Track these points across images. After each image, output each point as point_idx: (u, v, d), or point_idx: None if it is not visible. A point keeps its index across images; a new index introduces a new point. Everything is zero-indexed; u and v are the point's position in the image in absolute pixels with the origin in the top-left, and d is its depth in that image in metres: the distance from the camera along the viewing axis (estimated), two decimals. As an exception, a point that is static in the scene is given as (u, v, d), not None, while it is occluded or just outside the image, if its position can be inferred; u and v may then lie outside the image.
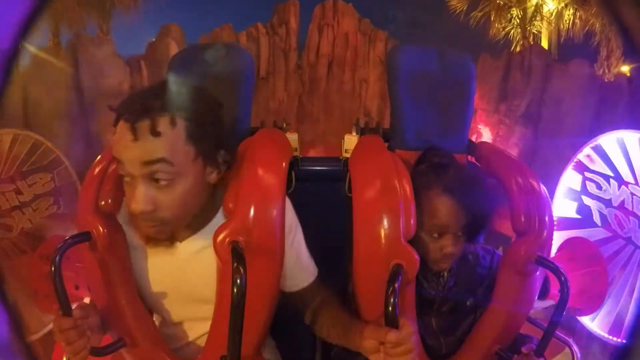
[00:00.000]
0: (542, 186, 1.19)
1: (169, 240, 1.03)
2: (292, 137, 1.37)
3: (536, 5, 8.20)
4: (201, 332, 1.10)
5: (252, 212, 0.98)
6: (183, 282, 1.05)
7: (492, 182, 1.21)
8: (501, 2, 8.30)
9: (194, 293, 1.06)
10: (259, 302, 1.01)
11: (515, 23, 8.41)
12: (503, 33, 8.45)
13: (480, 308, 1.17)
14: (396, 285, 0.89)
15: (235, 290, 0.85)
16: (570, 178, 2.43)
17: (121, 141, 0.89)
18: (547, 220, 1.14)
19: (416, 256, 1.00)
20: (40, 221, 2.44)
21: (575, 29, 7.77)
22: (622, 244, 2.19)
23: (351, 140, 1.47)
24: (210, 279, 1.02)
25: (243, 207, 0.98)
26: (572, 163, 2.42)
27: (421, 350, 1.11)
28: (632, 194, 2.15)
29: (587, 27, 7.48)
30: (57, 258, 0.92)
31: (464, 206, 1.08)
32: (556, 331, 1.07)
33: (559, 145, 3.58)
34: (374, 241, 1.01)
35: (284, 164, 1.08)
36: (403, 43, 1.52)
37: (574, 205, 2.40)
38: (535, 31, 8.29)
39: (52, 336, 0.95)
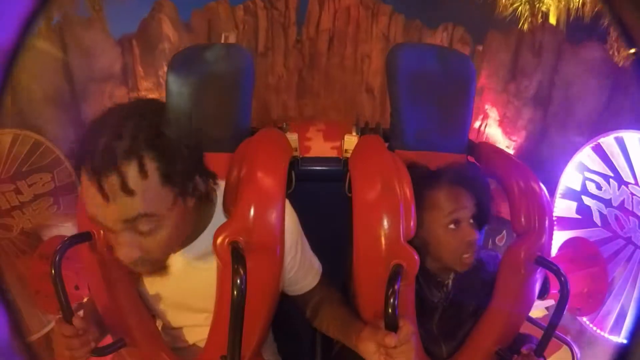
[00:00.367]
0: (542, 186, 1.19)
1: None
2: (292, 137, 1.37)
3: (546, -19, 7.91)
4: (200, 337, 1.10)
5: (252, 213, 0.98)
6: (177, 294, 1.04)
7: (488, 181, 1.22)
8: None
9: (189, 304, 1.06)
10: (259, 302, 1.01)
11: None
12: (511, 9, 8.11)
13: (481, 311, 1.18)
14: (396, 285, 0.89)
15: (235, 290, 0.84)
16: (570, 178, 2.43)
17: (92, 202, 0.78)
18: (547, 220, 1.14)
19: (416, 256, 1.00)
20: (40, 221, 2.45)
21: (585, 10, 7.49)
22: (622, 244, 2.19)
23: (351, 140, 1.47)
24: (203, 291, 1.01)
25: (243, 208, 0.98)
26: (572, 163, 2.42)
27: (422, 353, 1.11)
28: (632, 194, 2.15)
29: (597, 8, 7.21)
30: (57, 258, 0.91)
31: (472, 193, 1.10)
32: (556, 331, 1.07)
33: (569, 129, 3.44)
34: (374, 241, 1.01)
35: (284, 165, 1.08)
36: (403, 42, 1.51)
37: (574, 205, 2.40)
38: (544, 9, 8.03)
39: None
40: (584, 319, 2.27)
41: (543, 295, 1.23)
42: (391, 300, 0.86)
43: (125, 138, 0.76)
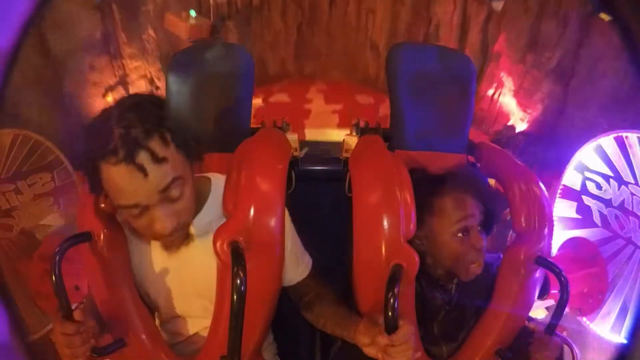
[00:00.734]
0: (542, 186, 1.19)
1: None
2: (292, 137, 1.38)
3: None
4: (201, 327, 1.11)
5: (252, 213, 0.98)
6: (178, 275, 1.06)
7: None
8: None
9: (188, 288, 1.07)
10: (259, 302, 1.01)
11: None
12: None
13: (482, 311, 1.17)
14: (396, 285, 0.89)
15: (235, 290, 0.85)
16: (570, 178, 2.43)
17: (130, 185, 0.87)
18: (547, 220, 1.14)
19: (416, 257, 1.00)
20: (40, 221, 2.44)
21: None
22: (622, 244, 2.18)
23: (351, 140, 1.47)
24: (202, 271, 1.03)
25: (243, 208, 0.98)
26: (572, 163, 2.41)
27: (422, 353, 1.11)
28: (632, 194, 2.15)
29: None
30: (57, 258, 0.91)
31: (479, 200, 1.09)
32: (556, 331, 1.07)
33: (590, 109, 3.01)
34: (374, 241, 1.01)
35: (284, 165, 1.08)
36: (403, 42, 1.51)
37: (574, 205, 2.40)
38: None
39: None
40: (584, 319, 2.27)
41: (543, 295, 1.23)
42: (391, 300, 0.86)
43: (136, 125, 0.86)
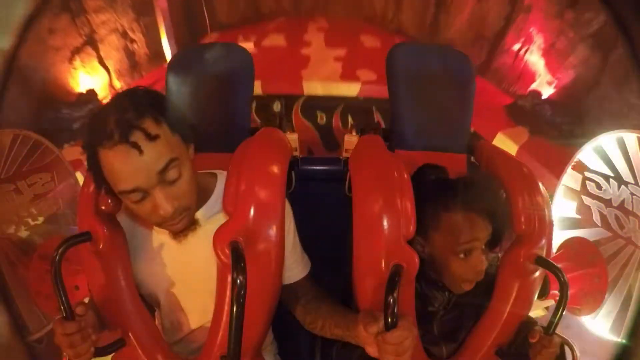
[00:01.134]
0: (542, 186, 1.19)
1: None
2: (292, 137, 1.38)
3: None
4: (200, 323, 1.12)
5: (252, 213, 0.98)
6: (179, 266, 1.07)
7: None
8: None
9: (189, 281, 1.08)
10: (259, 303, 1.01)
11: None
12: None
13: (481, 311, 1.17)
14: (396, 286, 0.89)
15: (235, 290, 0.85)
16: (570, 178, 2.43)
17: (127, 166, 0.88)
18: (547, 220, 1.14)
19: (416, 257, 1.00)
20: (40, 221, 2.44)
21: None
22: (622, 244, 2.18)
23: (351, 140, 1.48)
24: (204, 261, 1.03)
25: (243, 208, 0.98)
26: (572, 163, 2.42)
27: (422, 353, 1.11)
28: (632, 194, 2.15)
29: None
30: (57, 258, 0.92)
31: (489, 220, 1.07)
32: (555, 331, 1.07)
33: (628, 88, 2.56)
34: (374, 241, 1.01)
35: (284, 165, 1.08)
36: (403, 42, 1.51)
37: (574, 205, 2.40)
38: None
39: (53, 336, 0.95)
40: (584, 319, 2.27)
41: (543, 295, 1.22)
42: (391, 300, 0.86)
43: (129, 109, 0.89)
